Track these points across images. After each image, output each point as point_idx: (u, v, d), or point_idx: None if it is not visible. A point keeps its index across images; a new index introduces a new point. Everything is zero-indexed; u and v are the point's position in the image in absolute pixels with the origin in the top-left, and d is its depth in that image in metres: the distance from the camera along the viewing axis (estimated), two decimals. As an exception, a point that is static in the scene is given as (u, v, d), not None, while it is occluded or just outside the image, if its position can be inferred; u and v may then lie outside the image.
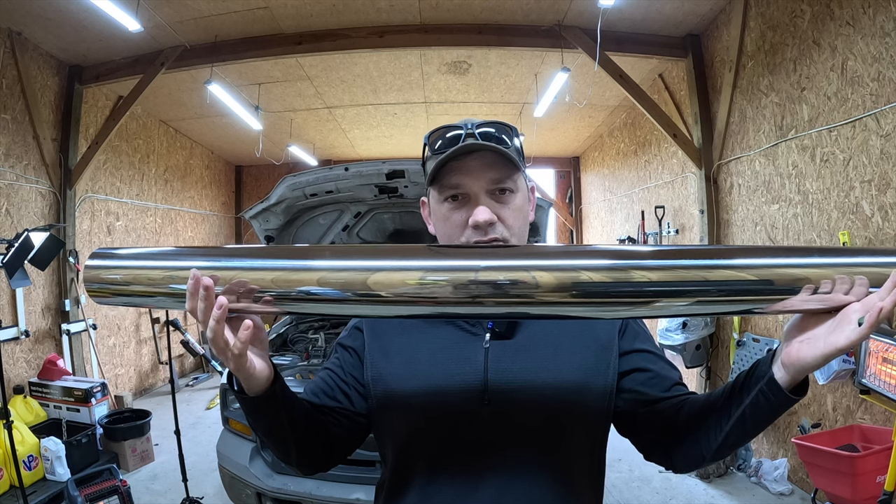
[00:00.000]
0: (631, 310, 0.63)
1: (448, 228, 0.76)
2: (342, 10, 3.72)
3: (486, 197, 0.74)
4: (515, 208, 0.76)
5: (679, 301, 0.61)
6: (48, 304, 4.09)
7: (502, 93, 5.42)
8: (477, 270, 0.61)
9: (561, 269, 0.61)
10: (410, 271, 0.62)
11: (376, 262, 0.64)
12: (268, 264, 0.67)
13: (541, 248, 0.73)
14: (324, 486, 2.17)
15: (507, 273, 0.61)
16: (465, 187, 0.74)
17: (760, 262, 0.63)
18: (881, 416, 2.45)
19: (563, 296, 0.61)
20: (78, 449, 3.21)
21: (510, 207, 0.75)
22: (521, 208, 0.77)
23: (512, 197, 0.76)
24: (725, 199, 3.84)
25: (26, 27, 3.67)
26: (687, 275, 0.61)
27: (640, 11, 3.67)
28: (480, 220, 0.72)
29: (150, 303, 0.73)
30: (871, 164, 2.49)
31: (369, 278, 0.62)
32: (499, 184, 0.75)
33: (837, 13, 2.65)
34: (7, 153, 3.70)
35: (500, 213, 0.74)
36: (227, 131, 6.29)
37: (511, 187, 0.76)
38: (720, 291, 0.61)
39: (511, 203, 0.75)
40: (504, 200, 0.75)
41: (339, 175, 2.72)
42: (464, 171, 0.74)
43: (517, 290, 0.61)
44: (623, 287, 0.61)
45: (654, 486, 3.23)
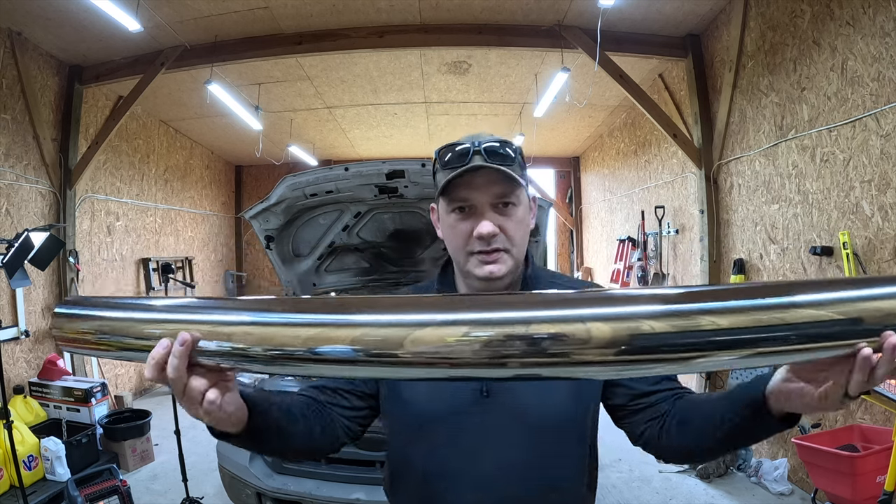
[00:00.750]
0: (699, 363, 0.53)
1: (455, 237, 0.83)
2: (342, 10, 3.72)
3: (490, 210, 0.81)
4: (517, 220, 0.83)
5: (757, 350, 0.51)
6: (48, 304, 4.09)
7: (502, 93, 5.42)
8: (506, 324, 0.53)
9: (615, 319, 0.52)
10: (447, 326, 0.53)
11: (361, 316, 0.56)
12: (260, 319, 0.58)
13: (587, 296, 0.60)
14: (324, 486, 2.17)
15: (551, 326, 0.52)
16: (471, 200, 0.81)
17: (844, 295, 0.53)
18: (881, 416, 2.45)
19: (618, 352, 0.52)
20: (78, 449, 3.21)
21: (512, 220, 0.82)
22: (523, 220, 0.84)
23: (514, 210, 0.82)
24: (725, 199, 3.84)
25: (26, 27, 3.66)
26: (763, 317, 0.51)
27: (640, 11, 3.67)
28: (484, 233, 0.79)
29: (123, 357, 0.66)
30: (871, 164, 2.49)
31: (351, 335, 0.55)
32: (502, 198, 0.81)
33: (837, 13, 2.65)
34: (7, 153, 3.70)
35: (502, 224, 0.81)
36: (227, 131, 6.29)
37: (513, 201, 0.82)
38: (803, 336, 0.51)
39: (513, 216, 0.82)
40: (506, 213, 0.82)
41: (339, 175, 2.72)
42: (471, 186, 0.80)
43: (563, 348, 0.52)
44: (690, 338, 0.51)
45: (654, 486, 3.23)
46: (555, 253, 8.89)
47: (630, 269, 5.52)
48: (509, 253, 0.82)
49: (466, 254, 0.83)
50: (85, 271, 4.54)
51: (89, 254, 4.66)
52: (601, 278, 7.06)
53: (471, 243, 0.81)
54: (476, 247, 0.81)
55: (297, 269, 3.40)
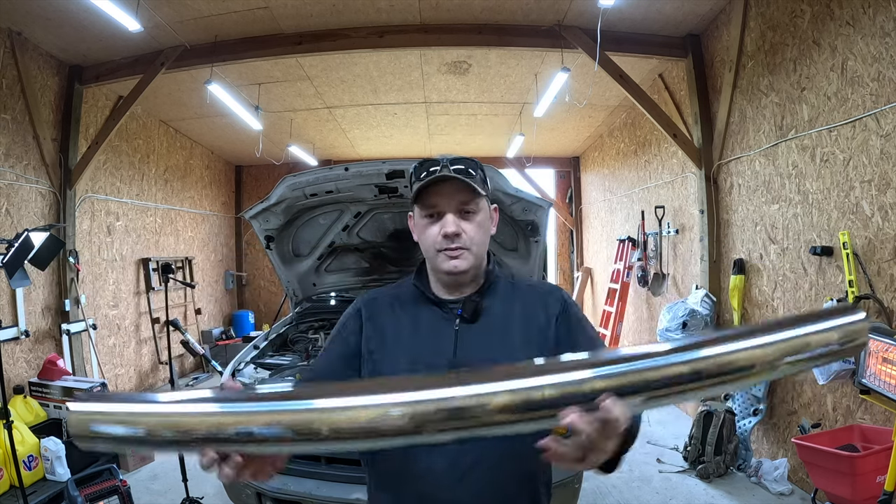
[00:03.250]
0: None
1: (427, 238, 1.01)
2: (342, 10, 3.72)
3: (453, 214, 0.98)
4: (476, 224, 1.00)
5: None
6: (48, 304, 4.09)
7: (502, 93, 5.42)
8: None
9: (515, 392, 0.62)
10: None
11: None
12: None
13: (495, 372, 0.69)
14: (324, 486, 2.17)
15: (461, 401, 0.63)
16: (439, 206, 0.99)
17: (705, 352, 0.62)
18: (881, 416, 2.45)
19: (516, 415, 0.62)
20: (78, 449, 3.19)
21: (472, 224, 0.99)
22: (482, 224, 1.01)
23: (474, 216, 0.99)
24: (725, 199, 3.84)
25: (26, 27, 3.67)
26: (632, 378, 0.61)
27: (640, 11, 3.67)
28: (449, 232, 0.97)
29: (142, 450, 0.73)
30: (871, 164, 2.49)
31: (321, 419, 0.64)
32: (464, 205, 0.99)
33: (837, 13, 2.65)
34: (7, 153, 3.70)
35: (464, 227, 0.98)
36: (227, 131, 6.29)
37: (473, 209, 0.99)
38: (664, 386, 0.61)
39: (473, 220, 0.99)
40: (468, 218, 0.99)
41: (339, 175, 2.72)
42: (439, 194, 0.98)
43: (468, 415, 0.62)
44: (574, 398, 0.61)
45: (654, 486, 3.23)
46: (555, 253, 8.89)
47: (630, 269, 5.52)
48: (470, 251, 0.98)
49: (435, 251, 0.99)
50: (85, 271, 4.54)
51: (89, 254, 4.66)
52: (601, 278, 7.06)
53: (439, 242, 0.98)
54: (443, 245, 0.98)
55: (297, 269, 3.40)
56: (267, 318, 7.90)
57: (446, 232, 0.96)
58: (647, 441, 3.86)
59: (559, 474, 2.13)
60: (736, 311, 3.61)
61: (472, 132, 6.94)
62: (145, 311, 5.57)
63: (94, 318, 4.57)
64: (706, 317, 3.79)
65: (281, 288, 5.86)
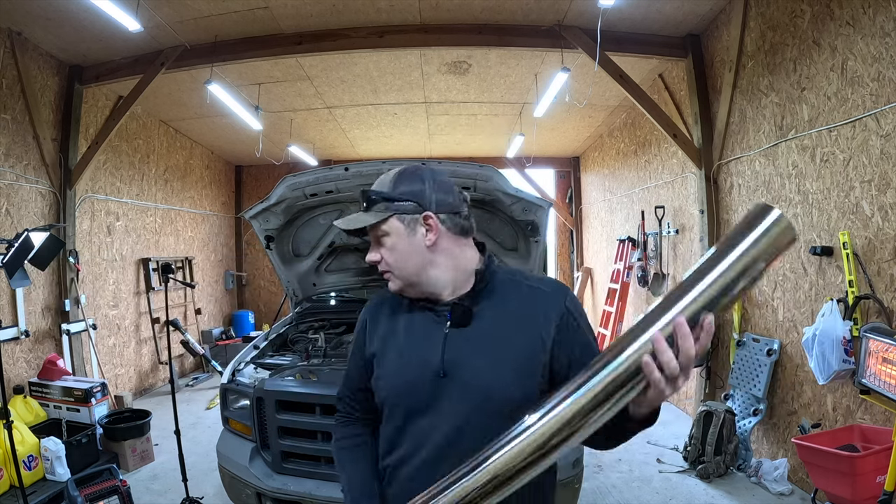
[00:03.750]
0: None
1: None
2: (342, 10, 3.72)
3: (374, 244, 1.05)
4: (389, 248, 1.02)
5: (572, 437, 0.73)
6: (48, 304, 4.09)
7: (502, 93, 5.42)
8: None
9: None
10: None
11: None
12: None
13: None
14: (324, 486, 2.17)
15: None
16: (366, 240, 1.07)
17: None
18: (881, 416, 2.45)
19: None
20: (78, 449, 3.21)
21: (385, 248, 1.03)
22: (394, 246, 1.02)
23: (386, 239, 1.02)
24: (725, 199, 3.84)
25: (26, 27, 3.67)
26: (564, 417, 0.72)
27: (640, 11, 3.67)
28: (367, 262, 1.05)
29: None
30: (871, 164, 2.49)
31: None
32: (374, 233, 1.03)
33: (837, 13, 2.65)
34: (7, 153, 3.70)
35: (382, 252, 1.03)
36: (227, 131, 6.29)
37: (380, 233, 1.02)
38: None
39: (385, 244, 1.03)
40: (383, 244, 1.03)
41: (339, 175, 2.72)
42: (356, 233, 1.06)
43: None
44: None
45: (654, 486, 3.23)
46: (555, 253, 8.89)
47: (630, 269, 5.52)
48: (393, 273, 1.03)
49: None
50: (85, 271, 4.54)
51: (89, 254, 4.66)
52: (601, 278, 7.06)
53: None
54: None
55: (297, 269, 3.40)
56: (267, 318, 7.90)
57: (367, 260, 1.06)
58: (647, 441, 3.86)
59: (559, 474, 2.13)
60: (736, 311, 3.61)
61: (472, 132, 6.94)
62: (145, 311, 5.57)
63: (94, 318, 4.57)
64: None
65: (281, 288, 5.86)
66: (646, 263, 5.11)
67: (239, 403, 2.49)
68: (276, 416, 2.28)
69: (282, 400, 2.29)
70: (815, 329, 2.61)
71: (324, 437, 2.25)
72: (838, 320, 2.54)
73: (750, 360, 3.41)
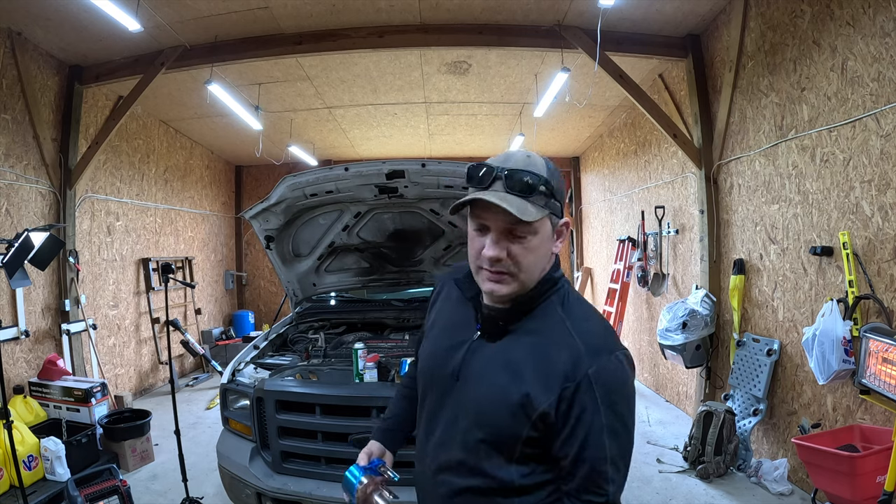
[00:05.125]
0: None
1: (471, 249, 0.93)
2: (342, 10, 3.72)
3: (500, 234, 0.87)
4: (527, 248, 0.87)
5: None
6: (48, 304, 4.09)
7: (502, 93, 5.42)
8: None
9: None
10: None
11: None
12: None
13: None
14: (324, 486, 2.17)
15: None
16: (486, 220, 0.88)
17: None
18: (881, 416, 2.45)
19: None
20: (78, 449, 3.21)
21: (522, 246, 0.87)
22: (536, 248, 0.88)
23: (527, 239, 0.87)
24: (725, 199, 3.84)
25: (26, 27, 3.66)
26: None
27: (640, 11, 3.67)
28: (489, 255, 0.87)
29: None
30: (871, 164, 2.49)
31: None
32: (514, 225, 0.86)
33: (837, 13, 2.65)
34: (7, 153, 3.70)
35: (511, 249, 0.87)
36: (227, 131, 6.29)
37: (527, 232, 0.87)
38: None
39: (524, 243, 0.87)
40: (518, 240, 0.87)
41: (339, 175, 2.72)
42: (487, 209, 0.87)
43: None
44: None
45: (654, 486, 3.23)
46: (555, 253, 8.88)
47: (630, 269, 5.52)
48: (514, 276, 0.88)
49: (477, 267, 0.92)
50: (85, 271, 4.54)
51: (89, 254, 4.66)
52: (601, 278, 7.06)
53: (480, 259, 0.89)
54: (484, 264, 0.89)
55: (297, 269, 3.40)
56: (267, 318, 7.91)
57: (487, 255, 0.87)
58: (647, 441, 3.86)
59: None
60: (736, 312, 3.61)
61: (472, 132, 6.94)
62: (145, 311, 5.57)
63: (93, 318, 4.57)
64: (706, 317, 3.80)
65: (281, 288, 5.86)
66: (646, 263, 5.11)
67: (239, 403, 2.49)
68: (276, 416, 2.28)
69: (282, 400, 2.29)
70: (815, 329, 2.61)
71: (324, 437, 2.25)
72: (838, 320, 2.54)
73: (750, 360, 3.41)
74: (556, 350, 0.87)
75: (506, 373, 0.90)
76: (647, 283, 5.03)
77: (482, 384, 0.93)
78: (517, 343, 0.92)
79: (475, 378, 0.94)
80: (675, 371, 4.67)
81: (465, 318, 1.02)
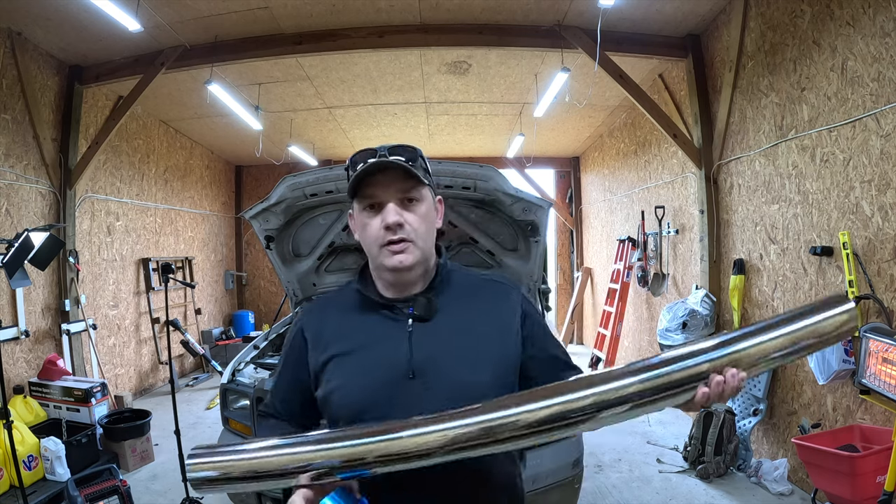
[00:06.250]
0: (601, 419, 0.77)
1: (367, 233, 0.92)
2: (342, 10, 3.72)
3: (395, 204, 0.90)
4: (420, 215, 0.92)
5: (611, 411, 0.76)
6: (48, 304, 4.09)
7: (502, 93, 5.42)
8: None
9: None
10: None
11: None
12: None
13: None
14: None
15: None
16: (378, 197, 0.91)
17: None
18: (881, 416, 2.45)
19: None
20: (78, 449, 3.21)
21: (415, 214, 0.91)
22: (426, 215, 0.93)
23: (417, 206, 0.92)
24: (725, 199, 3.84)
25: (26, 27, 3.66)
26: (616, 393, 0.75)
27: (640, 11, 3.67)
28: (390, 221, 0.88)
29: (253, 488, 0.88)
30: (871, 164, 2.49)
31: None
32: (405, 193, 0.91)
33: (837, 13, 2.65)
34: (7, 153, 3.70)
35: (406, 217, 0.90)
36: (227, 131, 6.29)
37: (416, 197, 0.92)
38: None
39: (416, 210, 0.91)
40: (410, 208, 0.91)
41: (339, 175, 2.71)
42: (377, 184, 0.91)
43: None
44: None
45: (654, 486, 3.23)
46: (555, 253, 8.89)
47: (630, 269, 5.52)
48: (414, 244, 0.90)
49: (378, 247, 0.91)
50: (85, 271, 4.54)
51: (89, 254, 4.66)
52: (601, 278, 7.06)
53: (380, 236, 0.90)
54: (385, 237, 0.89)
55: (297, 269, 3.40)
56: (267, 318, 7.90)
57: (388, 222, 0.88)
58: (647, 441, 3.86)
59: (559, 474, 2.13)
60: (736, 312, 3.61)
61: (472, 132, 6.94)
62: (145, 311, 5.57)
63: (93, 318, 4.57)
64: (706, 317, 3.79)
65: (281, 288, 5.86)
66: (646, 263, 5.11)
67: (239, 403, 2.49)
68: (276, 416, 2.27)
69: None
70: (815, 329, 2.61)
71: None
72: (838, 320, 2.53)
73: (750, 360, 3.40)
74: (491, 295, 0.99)
75: (472, 324, 0.94)
76: (647, 283, 5.03)
77: (452, 354, 0.90)
78: (455, 306, 0.96)
79: (438, 358, 0.89)
80: (675, 371, 4.66)
81: (380, 320, 0.94)
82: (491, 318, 0.96)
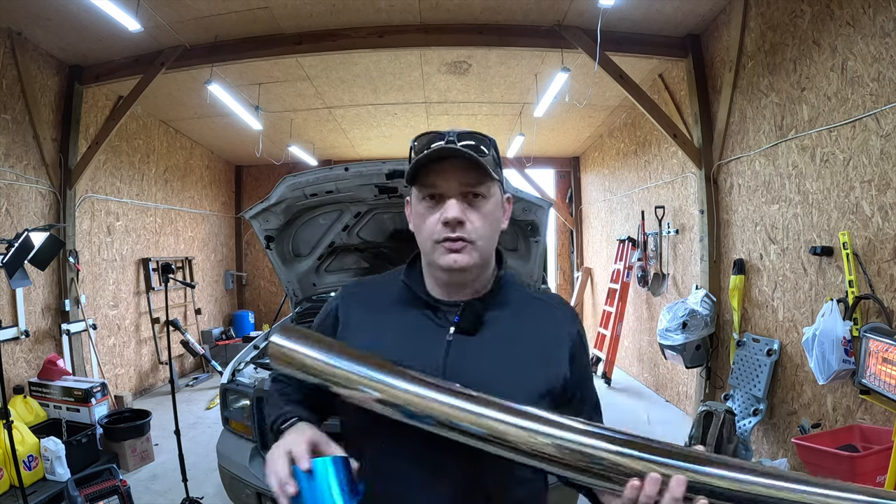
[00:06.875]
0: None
1: (424, 225, 0.83)
2: (342, 10, 3.72)
3: (457, 198, 0.81)
4: (484, 213, 0.82)
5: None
6: (48, 304, 4.09)
7: (502, 93, 5.42)
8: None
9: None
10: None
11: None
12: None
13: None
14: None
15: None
16: (439, 187, 0.81)
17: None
18: (881, 416, 2.45)
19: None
20: (78, 449, 3.21)
21: (479, 212, 0.82)
22: (491, 214, 0.83)
23: (483, 202, 0.82)
24: (725, 199, 3.84)
25: (26, 27, 3.66)
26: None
27: (640, 12, 3.67)
28: (450, 217, 0.79)
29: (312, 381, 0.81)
30: (871, 164, 2.49)
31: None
32: (471, 188, 0.81)
33: (837, 13, 2.65)
34: (7, 153, 3.70)
35: (469, 215, 0.81)
36: (227, 131, 6.29)
37: (483, 192, 0.82)
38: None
39: (481, 208, 0.82)
40: (475, 205, 0.82)
41: (339, 175, 2.72)
42: (439, 172, 0.81)
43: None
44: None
45: (654, 486, 3.22)
46: (555, 253, 8.89)
47: (630, 269, 5.52)
48: (474, 245, 0.81)
49: (433, 243, 0.82)
50: (85, 271, 4.54)
51: (89, 254, 4.66)
52: (601, 278, 7.06)
53: (438, 231, 0.81)
54: (442, 234, 0.80)
55: (297, 269, 3.40)
56: (267, 318, 7.91)
57: (447, 218, 0.79)
58: (647, 441, 3.85)
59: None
60: (736, 312, 3.61)
61: (472, 132, 6.93)
62: (145, 311, 5.57)
63: (93, 318, 4.57)
64: (706, 317, 3.80)
65: (281, 288, 5.86)
66: (646, 263, 5.11)
67: (239, 403, 2.49)
68: (276, 416, 2.27)
69: (282, 400, 2.28)
70: (815, 329, 2.61)
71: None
72: (838, 320, 2.54)
73: (750, 360, 3.41)
74: (545, 316, 0.90)
75: (522, 348, 0.84)
76: (647, 283, 5.03)
77: (489, 376, 0.80)
78: (505, 323, 0.86)
79: (473, 378, 0.78)
80: (675, 371, 4.67)
81: (418, 322, 0.86)
82: (538, 344, 0.86)
